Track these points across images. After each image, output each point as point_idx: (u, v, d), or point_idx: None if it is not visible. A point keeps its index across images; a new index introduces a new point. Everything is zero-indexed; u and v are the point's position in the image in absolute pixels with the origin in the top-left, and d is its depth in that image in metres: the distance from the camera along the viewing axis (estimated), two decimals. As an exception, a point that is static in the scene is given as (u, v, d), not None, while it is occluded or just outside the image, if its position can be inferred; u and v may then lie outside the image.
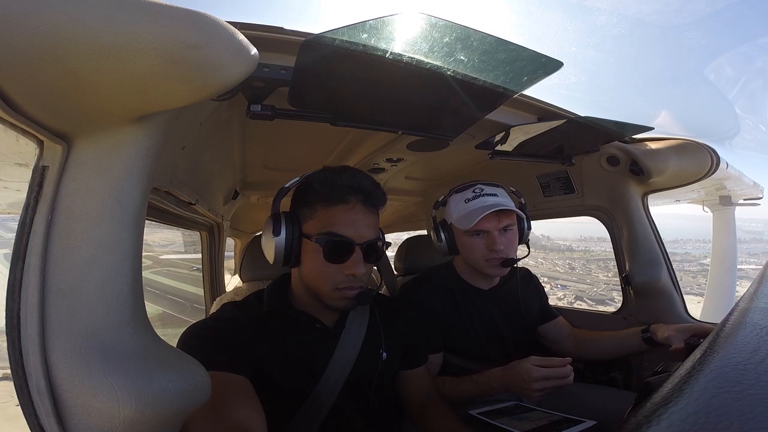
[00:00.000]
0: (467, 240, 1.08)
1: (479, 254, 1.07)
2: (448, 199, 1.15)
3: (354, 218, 0.75)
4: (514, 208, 1.06)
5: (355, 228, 0.74)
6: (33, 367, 0.43)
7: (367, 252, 0.76)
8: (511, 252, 1.08)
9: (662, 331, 1.02)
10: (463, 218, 1.07)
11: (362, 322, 0.86)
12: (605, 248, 31.06)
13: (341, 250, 0.73)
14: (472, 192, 1.09)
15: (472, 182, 1.13)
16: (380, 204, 0.79)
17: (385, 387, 0.87)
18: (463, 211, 1.08)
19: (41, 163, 0.48)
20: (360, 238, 0.75)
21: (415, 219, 2.62)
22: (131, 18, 0.37)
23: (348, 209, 0.75)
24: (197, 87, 0.43)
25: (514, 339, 1.17)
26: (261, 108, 0.75)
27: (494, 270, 1.08)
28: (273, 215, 0.76)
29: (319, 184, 0.75)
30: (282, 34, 0.65)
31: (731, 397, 0.23)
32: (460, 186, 1.14)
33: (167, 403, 0.46)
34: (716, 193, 3.14)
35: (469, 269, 1.15)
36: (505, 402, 1.04)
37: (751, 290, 0.41)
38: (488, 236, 1.06)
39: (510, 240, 1.08)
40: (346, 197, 0.74)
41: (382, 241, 0.80)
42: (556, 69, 0.69)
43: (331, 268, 0.74)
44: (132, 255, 0.50)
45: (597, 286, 22.92)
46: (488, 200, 1.07)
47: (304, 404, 0.77)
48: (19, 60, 0.37)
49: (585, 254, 32.53)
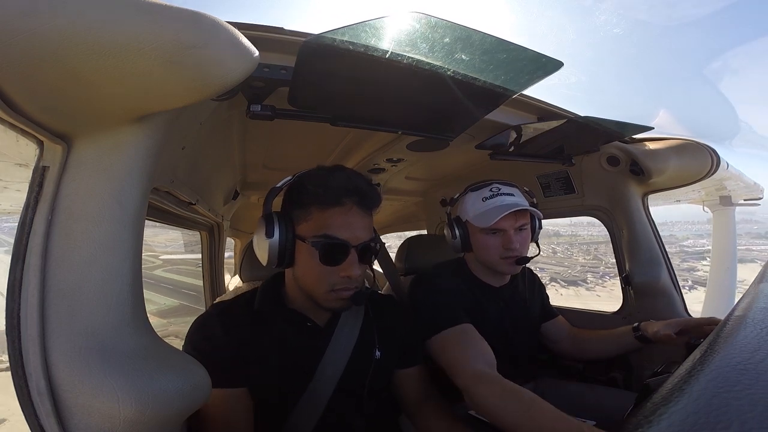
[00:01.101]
0: (482, 238, 1.09)
1: (494, 252, 1.08)
2: (463, 197, 1.16)
3: (350, 220, 0.74)
4: (532, 208, 1.08)
5: (351, 230, 0.74)
6: (33, 367, 0.43)
7: (362, 253, 0.76)
8: (524, 250, 1.10)
9: (652, 327, 1.04)
10: (482, 216, 1.08)
11: (356, 321, 0.86)
12: (592, 232, 31.05)
13: (337, 253, 0.73)
14: (489, 191, 1.10)
15: (488, 181, 1.14)
16: (375, 205, 0.79)
17: (380, 386, 0.87)
18: (481, 209, 1.09)
19: (41, 163, 0.48)
20: (355, 240, 0.74)
21: (415, 219, 2.62)
22: (131, 18, 0.37)
23: (344, 211, 0.74)
24: (197, 87, 0.43)
25: (518, 337, 1.17)
26: (261, 108, 0.75)
27: (508, 268, 1.09)
28: (265, 216, 0.74)
29: (313, 185, 0.74)
30: (282, 34, 0.65)
31: (731, 396, 0.23)
32: (475, 184, 1.15)
33: (167, 403, 0.46)
34: (716, 193, 3.14)
35: (481, 266, 1.16)
36: None
37: (751, 290, 0.41)
38: (504, 235, 1.07)
39: (524, 239, 1.09)
40: (342, 199, 0.74)
41: (375, 242, 0.79)
42: (556, 69, 0.69)
43: (327, 269, 0.73)
44: (132, 255, 0.50)
45: (573, 268, 23.14)
46: (506, 199, 1.08)
47: (298, 404, 0.77)
48: (19, 60, 0.37)
49: (571, 239, 32.59)
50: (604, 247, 31.58)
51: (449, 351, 0.93)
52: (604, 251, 29.63)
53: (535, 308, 1.25)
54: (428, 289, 1.08)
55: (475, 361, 0.88)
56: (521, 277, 1.25)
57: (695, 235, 28.30)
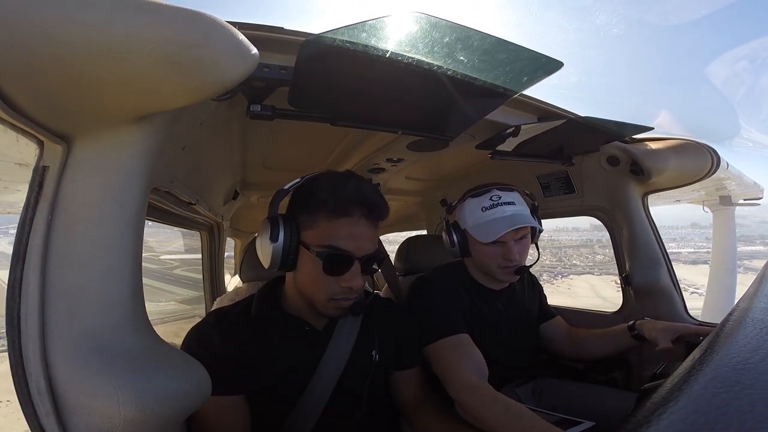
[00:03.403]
0: (482, 248, 1.08)
1: (493, 262, 1.07)
2: (462, 204, 1.14)
3: (356, 232, 0.73)
4: (534, 222, 1.06)
5: (357, 242, 0.73)
6: (33, 367, 0.44)
7: (366, 265, 0.75)
8: (524, 259, 1.09)
9: (648, 331, 1.03)
10: (481, 229, 1.06)
11: (354, 324, 0.85)
12: (572, 237, 31.59)
13: (340, 264, 0.72)
14: (489, 200, 1.07)
15: (488, 187, 1.10)
16: (383, 217, 0.78)
17: (378, 389, 0.87)
18: (481, 220, 1.06)
19: (41, 163, 0.48)
20: (360, 251, 0.73)
21: (415, 219, 2.62)
22: (131, 18, 0.37)
23: (351, 223, 0.73)
24: (197, 87, 0.43)
25: (517, 339, 1.17)
26: (261, 108, 0.75)
27: (507, 277, 1.09)
28: (270, 218, 0.74)
29: (323, 192, 0.73)
30: (282, 34, 0.65)
31: (731, 396, 0.23)
32: (475, 190, 1.12)
33: (167, 403, 0.46)
34: (716, 193, 3.14)
35: (481, 271, 1.16)
36: None
37: (751, 290, 0.41)
38: (504, 246, 1.05)
39: (524, 248, 1.09)
40: (351, 210, 0.72)
41: (379, 253, 0.79)
42: (556, 69, 0.69)
43: (328, 279, 0.73)
44: (132, 255, 0.50)
45: (533, 268, 24.46)
46: (506, 210, 1.05)
47: (295, 407, 0.77)
48: (19, 60, 0.37)
49: (550, 243, 32.99)
50: (573, 251, 32.29)
51: (443, 360, 0.93)
52: (572, 254, 30.15)
53: (533, 310, 1.25)
54: (427, 295, 1.08)
55: (467, 372, 0.89)
56: (520, 279, 1.24)
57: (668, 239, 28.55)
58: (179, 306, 2.45)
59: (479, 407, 0.81)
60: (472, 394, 0.84)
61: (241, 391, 0.75)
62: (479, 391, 0.84)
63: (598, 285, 20.29)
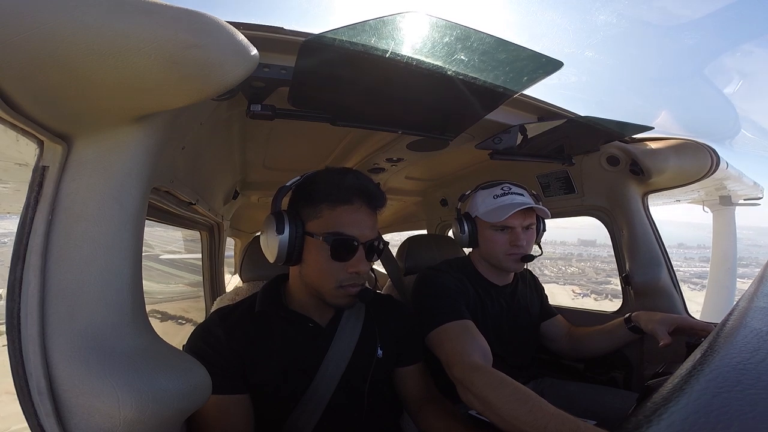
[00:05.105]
0: (491, 234, 1.12)
1: (501, 248, 1.11)
2: (474, 194, 1.20)
3: (359, 219, 0.77)
4: (542, 207, 1.11)
5: (360, 228, 0.76)
6: (33, 367, 0.43)
7: (369, 250, 0.79)
8: (529, 249, 1.13)
9: (645, 323, 1.05)
10: (493, 212, 1.11)
11: (357, 320, 0.87)
12: (556, 251, 33.09)
13: (347, 249, 0.75)
14: (501, 189, 1.15)
15: (499, 181, 1.18)
16: (381, 205, 0.82)
17: (382, 385, 0.88)
18: (492, 206, 1.12)
19: (41, 163, 0.48)
20: (363, 237, 0.77)
21: (415, 219, 2.62)
22: (131, 18, 0.37)
23: (353, 210, 0.76)
24: (197, 87, 0.43)
25: (518, 336, 1.18)
26: (261, 108, 0.75)
27: (513, 264, 1.12)
28: (275, 213, 0.76)
29: (325, 184, 0.77)
30: (282, 34, 0.65)
31: (731, 396, 0.23)
32: (486, 183, 1.19)
33: (167, 403, 0.46)
34: (716, 193, 3.13)
35: (486, 264, 1.18)
36: None
37: (751, 290, 0.41)
38: (512, 232, 1.10)
39: (530, 237, 1.13)
40: (352, 198, 0.76)
41: (380, 240, 0.82)
42: (556, 69, 0.69)
43: (336, 266, 0.75)
44: (132, 255, 0.50)
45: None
46: (516, 198, 1.12)
47: (299, 403, 0.77)
48: (19, 60, 0.37)
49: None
50: (550, 263, 34.45)
51: (447, 343, 0.93)
52: (547, 265, 31.66)
53: (535, 308, 1.27)
54: (433, 283, 1.09)
55: (472, 354, 0.88)
56: (522, 277, 1.27)
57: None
58: (186, 288, 2.70)
59: (486, 388, 0.78)
60: (480, 374, 0.82)
61: (246, 389, 0.76)
62: (487, 372, 0.82)
63: (556, 292, 21.57)
